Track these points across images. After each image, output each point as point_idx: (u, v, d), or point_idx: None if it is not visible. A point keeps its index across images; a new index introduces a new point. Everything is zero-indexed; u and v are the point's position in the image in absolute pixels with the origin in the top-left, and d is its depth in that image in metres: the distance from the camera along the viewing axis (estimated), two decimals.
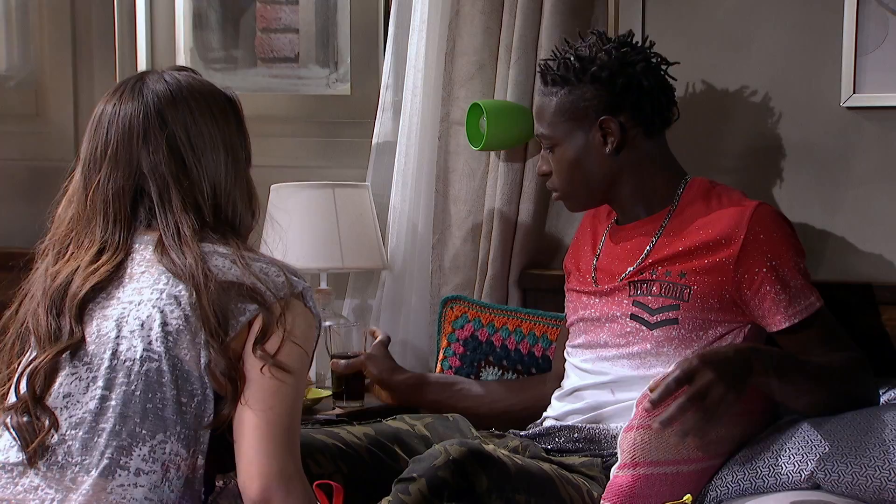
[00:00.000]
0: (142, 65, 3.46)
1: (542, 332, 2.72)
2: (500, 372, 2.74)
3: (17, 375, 1.79)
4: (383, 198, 3.06)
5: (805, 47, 2.71)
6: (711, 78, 2.76)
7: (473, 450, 2.11)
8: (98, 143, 1.84)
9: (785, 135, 2.72)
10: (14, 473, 1.76)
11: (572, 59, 2.41)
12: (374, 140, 3.11)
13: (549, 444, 2.44)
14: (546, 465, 2.27)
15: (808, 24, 2.70)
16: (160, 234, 1.80)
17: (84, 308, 1.79)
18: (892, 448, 2.14)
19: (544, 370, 2.70)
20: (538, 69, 2.48)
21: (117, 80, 3.44)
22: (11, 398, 1.79)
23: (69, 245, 1.83)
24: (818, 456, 2.17)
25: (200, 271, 1.75)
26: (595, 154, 2.40)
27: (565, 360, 2.53)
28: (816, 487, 2.19)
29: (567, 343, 2.52)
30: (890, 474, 2.11)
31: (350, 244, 2.92)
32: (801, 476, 2.18)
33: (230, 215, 1.84)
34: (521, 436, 2.50)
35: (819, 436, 2.20)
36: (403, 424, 2.43)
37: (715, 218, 2.36)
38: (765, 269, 2.31)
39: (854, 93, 2.65)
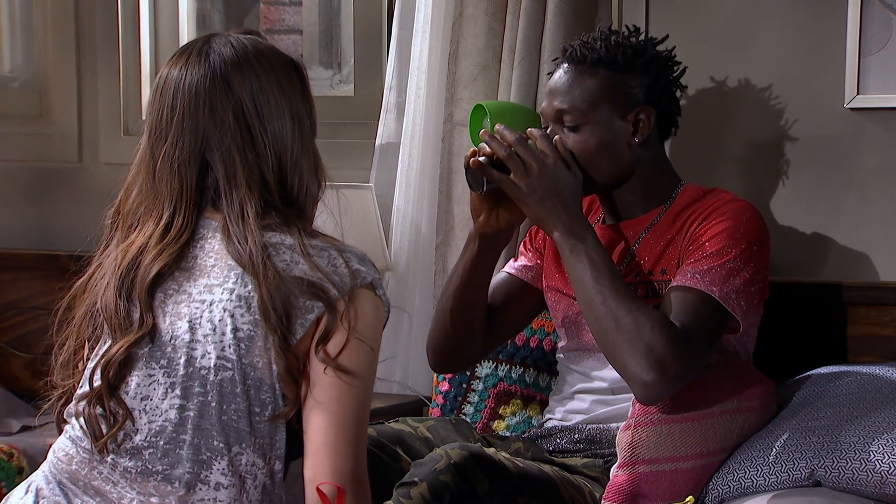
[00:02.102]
0: (146, 66, 3.46)
1: (540, 325, 2.72)
2: (495, 365, 2.74)
3: (92, 363, 1.76)
4: (386, 199, 3.06)
5: (809, 48, 2.71)
6: (715, 78, 2.76)
7: (474, 453, 2.11)
8: (164, 109, 1.77)
9: (788, 136, 2.72)
10: (92, 458, 1.75)
11: (616, 43, 2.35)
12: (378, 141, 3.11)
13: (550, 446, 2.44)
14: (547, 468, 2.27)
15: (812, 24, 2.70)
16: (225, 218, 1.74)
17: (153, 293, 1.74)
18: (892, 442, 2.14)
19: (537, 360, 2.70)
20: (570, 48, 2.39)
21: (121, 82, 3.45)
22: (85, 387, 1.76)
23: (140, 218, 1.78)
24: (819, 453, 2.17)
25: (260, 260, 1.70)
26: (621, 142, 2.36)
27: (557, 362, 2.53)
28: (818, 485, 2.19)
29: (559, 345, 2.51)
30: (890, 468, 2.11)
31: (353, 245, 2.92)
32: (801, 473, 2.18)
33: (296, 187, 1.77)
34: (523, 438, 2.51)
35: (819, 433, 2.20)
36: (406, 426, 2.43)
37: (693, 211, 2.36)
38: (699, 244, 2.28)
39: (858, 94, 2.65)
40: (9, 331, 3.42)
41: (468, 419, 2.70)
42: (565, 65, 2.39)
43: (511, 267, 2.56)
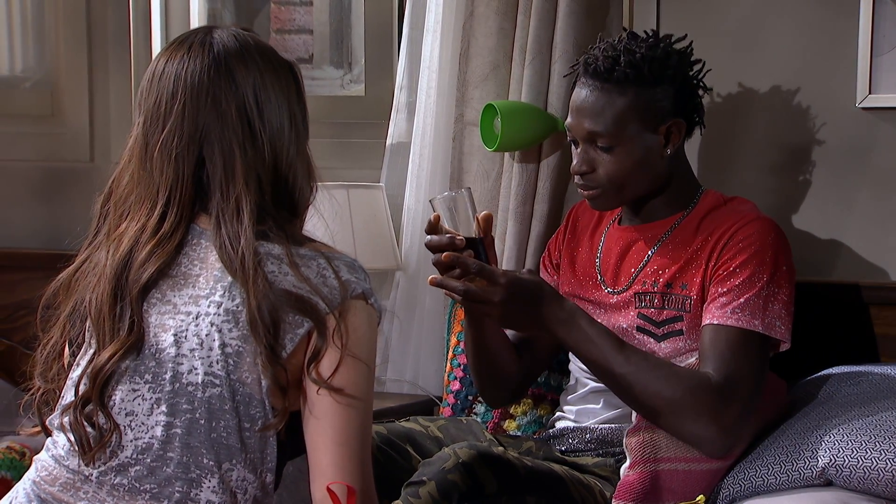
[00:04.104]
0: None
1: None
2: None
3: (77, 372, 1.71)
4: (397, 198, 3.06)
5: (820, 48, 2.70)
6: (726, 78, 2.75)
7: (482, 452, 2.11)
8: (162, 96, 1.71)
9: (800, 135, 2.71)
10: (76, 479, 1.70)
11: (641, 57, 2.33)
12: (389, 141, 3.11)
13: (562, 446, 2.44)
14: (557, 467, 2.27)
15: (824, 24, 2.69)
16: (217, 215, 1.68)
17: (145, 297, 1.69)
18: None
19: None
20: (592, 63, 2.35)
21: (132, 81, 3.45)
22: (69, 396, 1.71)
23: (131, 206, 1.72)
24: (830, 452, 2.17)
25: (251, 265, 1.65)
26: (654, 156, 2.35)
27: (569, 361, 2.53)
28: (829, 484, 2.18)
29: None
30: None
31: (364, 245, 2.92)
32: (812, 472, 2.18)
33: (290, 188, 1.73)
34: (535, 438, 2.50)
35: (831, 432, 2.20)
36: (416, 425, 2.43)
37: (715, 226, 2.35)
38: (730, 270, 2.28)
39: (870, 93, 2.65)
40: (20, 330, 3.42)
41: (479, 419, 2.70)
42: (589, 80, 2.35)
43: None
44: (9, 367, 3.41)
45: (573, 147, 2.40)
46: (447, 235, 2.13)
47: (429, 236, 2.15)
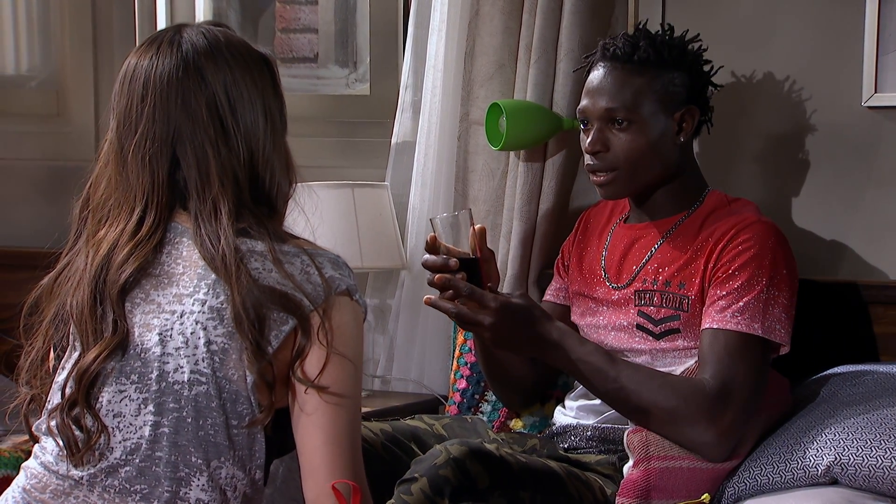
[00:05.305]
0: None
1: None
2: None
3: (62, 375, 1.70)
4: (402, 198, 3.06)
5: (826, 46, 2.70)
6: (731, 77, 2.75)
7: (473, 448, 2.11)
8: (133, 99, 1.70)
9: (805, 134, 2.71)
10: (66, 484, 1.70)
11: (661, 42, 2.37)
12: (394, 140, 3.11)
13: (565, 443, 2.44)
14: (554, 463, 2.27)
15: (830, 23, 2.69)
16: (196, 216, 1.68)
17: (125, 297, 1.68)
18: None
19: None
20: (612, 46, 2.38)
21: None
22: (56, 400, 1.70)
23: (109, 211, 1.71)
24: (835, 450, 2.17)
25: (233, 262, 1.64)
26: (667, 141, 2.37)
27: None
28: (834, 482, 2.18)
29: None
30: None
31: (369, 244, 2.93)
32: (818, 471, 2.18)
33: (267, 184, 1.72)
34: (539, 436, 2.51)
35: (836, 430, 2.20)
36: (422, 423, 2.43)
37: (716, 227, 2.35)
38: (729, 273, 2.28)
39: (875, 92, 2.64)
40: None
41: (486, 417, 2.70)
42: (607, 63, 2.38)
43: (551, 291, 2.58)
44: (14, 365, 3.42)
45: (583, 135, 2.41)
46: (442, 256, 2.15)
47: (425, 256, 2.17)
